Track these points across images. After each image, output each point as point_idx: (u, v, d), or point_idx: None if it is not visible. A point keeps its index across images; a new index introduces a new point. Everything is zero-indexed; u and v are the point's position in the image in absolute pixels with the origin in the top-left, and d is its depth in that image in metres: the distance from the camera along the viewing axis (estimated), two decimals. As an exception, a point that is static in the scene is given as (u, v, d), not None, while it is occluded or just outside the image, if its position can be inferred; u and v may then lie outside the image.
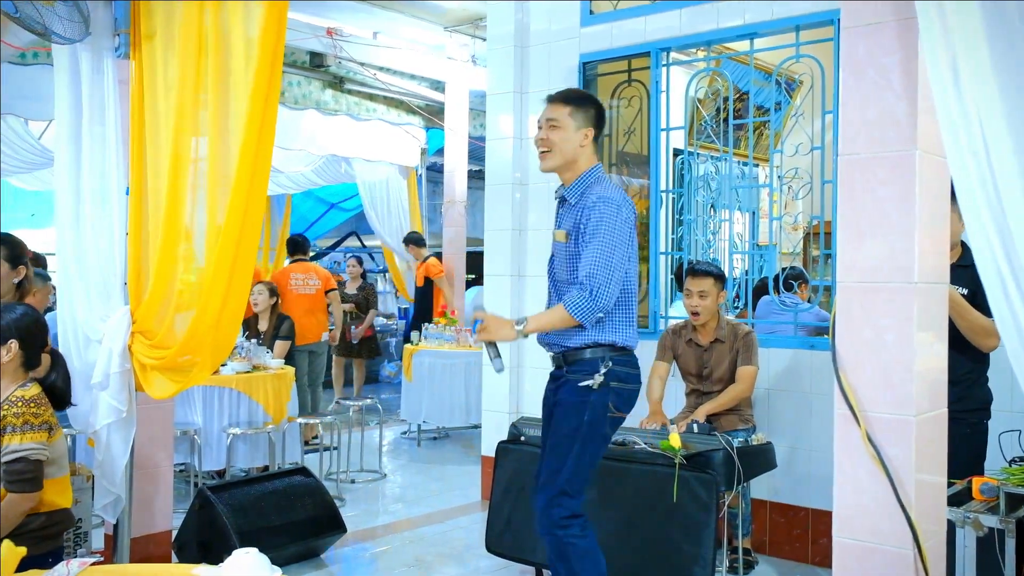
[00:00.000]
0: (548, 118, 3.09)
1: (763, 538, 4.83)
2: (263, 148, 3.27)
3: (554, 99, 3.14)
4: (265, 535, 4.31)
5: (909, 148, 2.17)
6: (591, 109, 3.14)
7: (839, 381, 2.26)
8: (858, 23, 2.25)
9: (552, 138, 3.07)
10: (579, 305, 2.93)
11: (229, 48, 3.29)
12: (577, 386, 3.04)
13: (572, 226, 3.06)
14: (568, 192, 3.14)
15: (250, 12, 3.19)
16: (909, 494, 2.17)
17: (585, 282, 2.92)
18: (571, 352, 3.08)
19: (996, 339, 3.38)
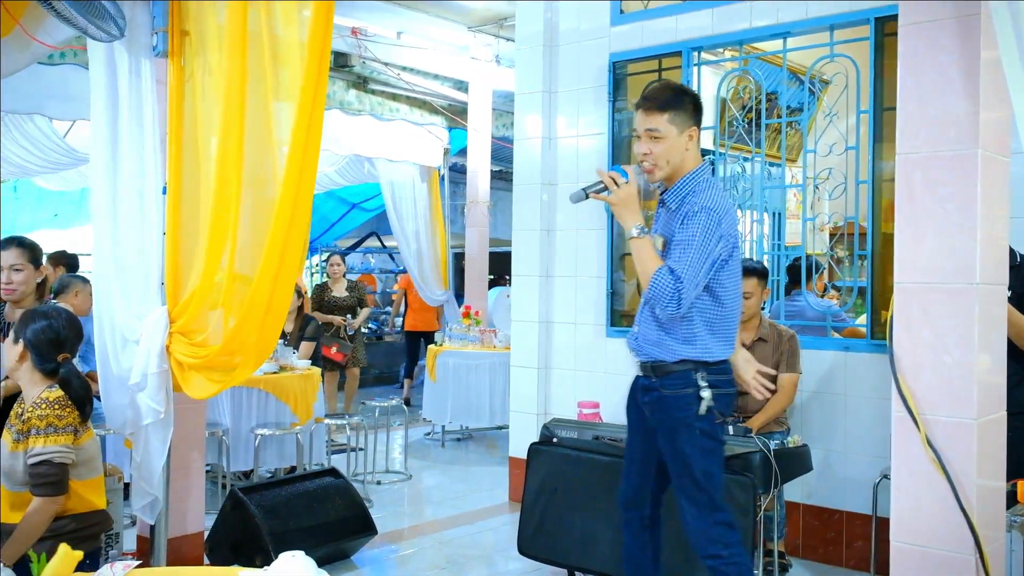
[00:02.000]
0: (647, 128, 2.88)
1: (797, 541, 4.79)
2: (310, 152, 3.23)
3: (648, 107, 2.90)
4: (296, 536, 4.30)
5: (971, 147, 2.13)
6: (689, 106, 2.94)
7: (897, 383, 2.22)
8: (917, 20, 2.21)
9: (655, 151, 2.88)
10: (660, 284, 2.76)
11: (275, 49, 3.27)
12: (677, 401, 2.90)
13: (671, 232, 2.89)
14: (669, 196, 2.96)
15: (297, 12, 3.17)
16: (970, 498, 2.12)
17: (675, 274, 2.76)
18: (664, 365, 2.93)
19: None
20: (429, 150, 8.94)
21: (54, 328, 3.05)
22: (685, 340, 2.92)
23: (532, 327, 5.81)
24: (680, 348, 2.91)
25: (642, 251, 2.83)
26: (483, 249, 9.07)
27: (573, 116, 5.75)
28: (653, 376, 2.97)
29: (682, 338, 2.92)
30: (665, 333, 2.93)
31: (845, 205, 4.82)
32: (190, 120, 3.44)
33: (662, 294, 2.76)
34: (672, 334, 2.93)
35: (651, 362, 2.98)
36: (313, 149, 3.24)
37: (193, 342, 3.46)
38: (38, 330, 3.04)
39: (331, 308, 8.11)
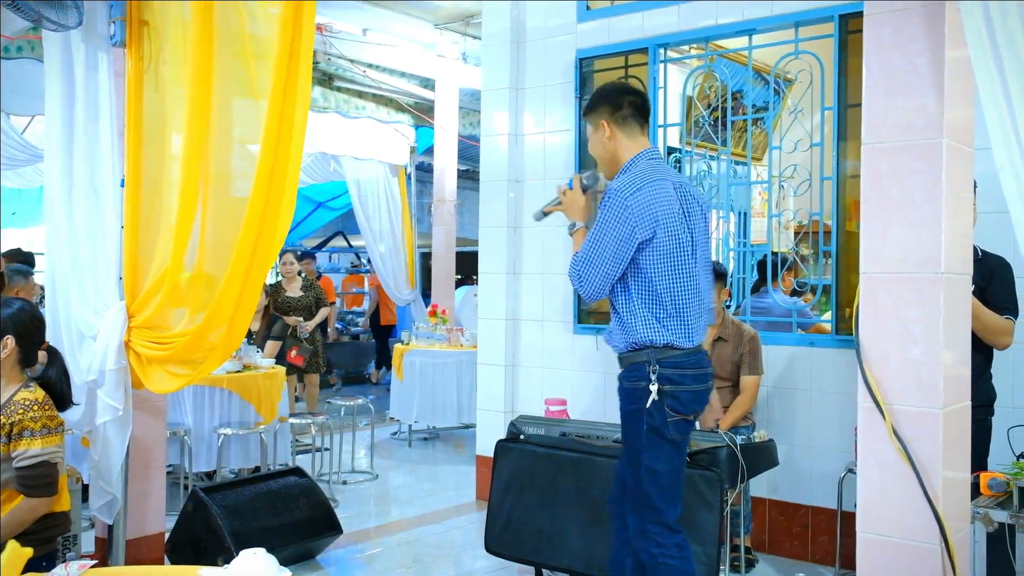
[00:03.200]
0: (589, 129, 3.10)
1: (763, 536, 4.80)
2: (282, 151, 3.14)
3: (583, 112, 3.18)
4: (260, 537, 4.22)
5: (936, 136, 2.13)
6: (599, 100, 3.06)
7: (863, 374, 2.22)
8: (883, 10, 2.21)
9: (592, 153, 3.10)
10: (571, 270, 2.92)
11: (244, 44, 3.19)
12: (631, 393, 2.93)
13: None
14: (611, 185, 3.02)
15: (263, 8, 3.10)
16: (936, 488, 2.13)
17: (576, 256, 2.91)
18: (622, 357, 2.97)
19: (1010, 337, 3.36)
20: (396, 148, 8.87)
21: (29, 309, 2.94)
22: (630, 326, 2.93)
23: (499, 325, 5.79)
24: (626, 335, 2.93)
25: (574, 245, 2.98)
26: (450, 248, 9.03)
27: (540, 113, 5.73)
28: (620, 367, 3.02)
29: (629, 324, 2.93)
30: (617, 322, 2.98)
31: (810, 202, 4.84)
32: (150, 112, 3.36)
33: (571, 276, 2.91)
34: (620, 322, 2.97)
35: (617, 353, 3.02)
36: (285, 148, 3.15)
37: (159, 336, 3.38)
38: (17, 314, 2.88)
39: (285, 310, 7.65)
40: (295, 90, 3.13)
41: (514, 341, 5.78)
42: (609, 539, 3.20)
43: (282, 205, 3.17)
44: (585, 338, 5.44)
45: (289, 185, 3.19)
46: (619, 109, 3.01)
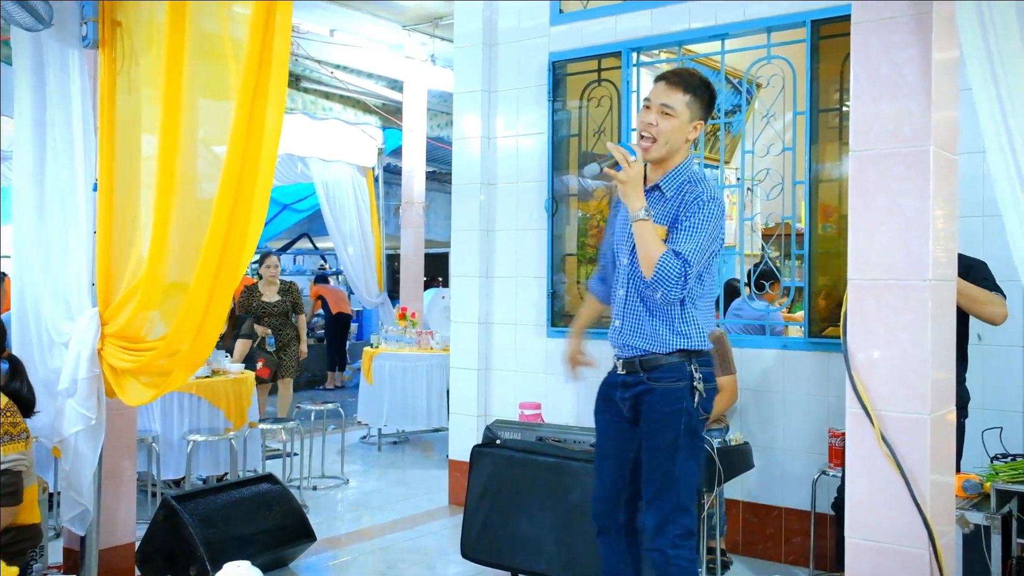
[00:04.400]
0: (663, 103, 2.83)
1: (737, 538, 4.83)
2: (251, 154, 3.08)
3: (672, 81, 2.86)
4: (233, 545, 4.15)
5: (924, 143, 2.15)
6: (707, 100, 2.91)
7: (851, 379, 2.23)
8: (871, 18, 2.22)
9: (662, 126, 2.83)
10: (668, 268, 2.71)
11: (215, 46, 3.14)
12: (669, 394, 2.86)
13: (671, 220, 2.83)
14: (665, 183, 2.90)
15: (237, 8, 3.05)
16: (924, 493, 2.14)
17: (682, 256, 2.73)
18: (655, 357, 2.89)
19: (999, 307, 3.33)
20: (363, 150, 8.81)
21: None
22: (681, 330, 2.88)
23: (472, 328, 5.76)
24: (675, 339, 2.88)
25: (648, 234, 2.76)
26: (418, 250, 8.99)
27: (512, 116, 5.71)
28: (640, 370, 2.91)
29: (678, 328, 2.88)
30: (661, 323, 2.88)
31: (782, 205, 4.88)
32: (123, 114, 3.29)
33: (668, 276, 2.72)
34: (668, 324, 2.88)
35: (638, 356, 2.92)
36: (255, 151, 3.09)
37: (130, 346, 3.31)
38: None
39: (261, 314, 7.40)
40: (266, 92, 3.08)
41: (487, 345, 5.76)
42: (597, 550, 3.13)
43: (252, 210, 3.10)
44: (558, 341, 5.43)
45: (260, 189, 3.13)
46: (707, 119, 2.97)
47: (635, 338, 2.93)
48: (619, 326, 2.97)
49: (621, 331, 2.95)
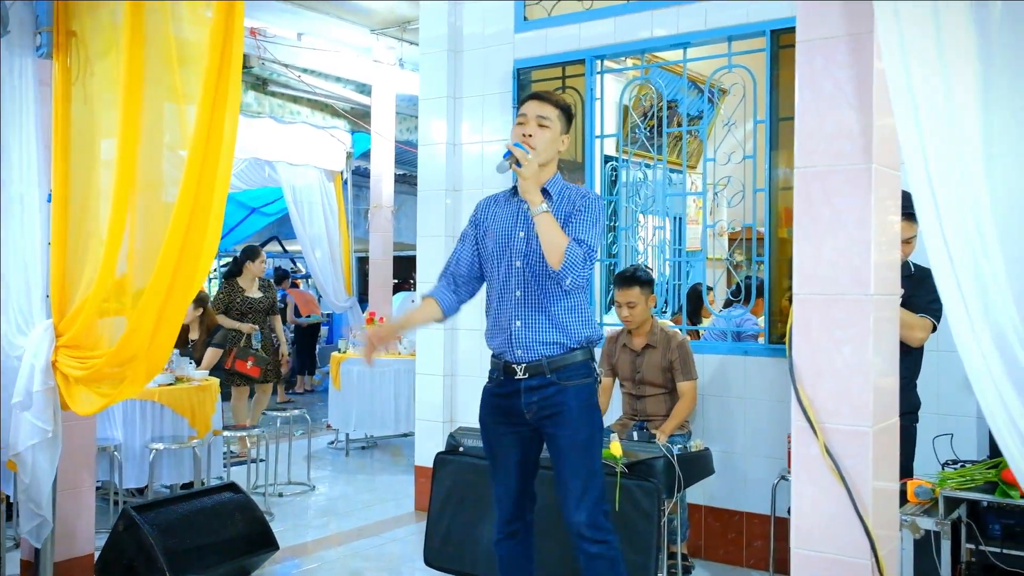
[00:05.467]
0: (539, 115, 3.05)
1: (699, 542, 4.87)
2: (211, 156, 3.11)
3: (546, 99, 3.10)
4: (194, 555, 4.14)
5: (866, 161, 2.19)
6: (569, 118, 3.17)
7: (797, 393, 2.26)
8: (814, 37, 2.26)
9: (540, 136, 3.03)
10: (576, 255, 2.89)
11: (177, 50, 3.14)
12: (581, 391, 3.04)
13: (563, 219, 3.01)
14: (550, 186, 3.09)
15: (200, 12, 3.05)
16: (866, 504, 2.18)
17: (584, 243, 2.92)
18: (562, 357, 3.04)
19: (921, 332, 3.58)
20: (331, 154, 8.79)
21: None
22: (578, 324, 3.08)
23: (437, 334, 5.76)
24: (582, 328, 3.08)
25: (552, 225, 2.91)
26: (387, 254, 8.97)
27: (478, 122, 5.73)
28: (548, 372, 3.03)
29: (576, 322, 3.07)
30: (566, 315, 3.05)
31: (743, 212, 4.93)
32: (78, 125, 3.26)
33: (576, 261, 2.89)
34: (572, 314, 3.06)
35: (545, 358, 3.03)
36: (214, 154, 3.11)
37: (82, 355, 3.28)
38: None
39: (244, 311, 7.32)
40: (225, 94, 3.09)
41: (452, 351, 5.77)
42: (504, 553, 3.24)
43: (211, 214, 3.11)
44: (524, 347, 5.45)
45: (218, 192, 3.15)
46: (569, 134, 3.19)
47: (544, 334, 3.04)
48: (521, 326, 3.05)
49: (526, 329, 3.04)
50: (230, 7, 2.94)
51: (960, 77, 1.97)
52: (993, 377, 1.93)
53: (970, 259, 1.95)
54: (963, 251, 1.95)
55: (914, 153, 1.97)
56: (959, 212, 1.95)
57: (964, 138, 1.97)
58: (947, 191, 1.96)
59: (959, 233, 1.95)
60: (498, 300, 3.14)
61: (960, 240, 1.95)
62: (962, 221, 1.95)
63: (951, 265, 1.95)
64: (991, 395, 1.93)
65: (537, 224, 2.93)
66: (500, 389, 3.13)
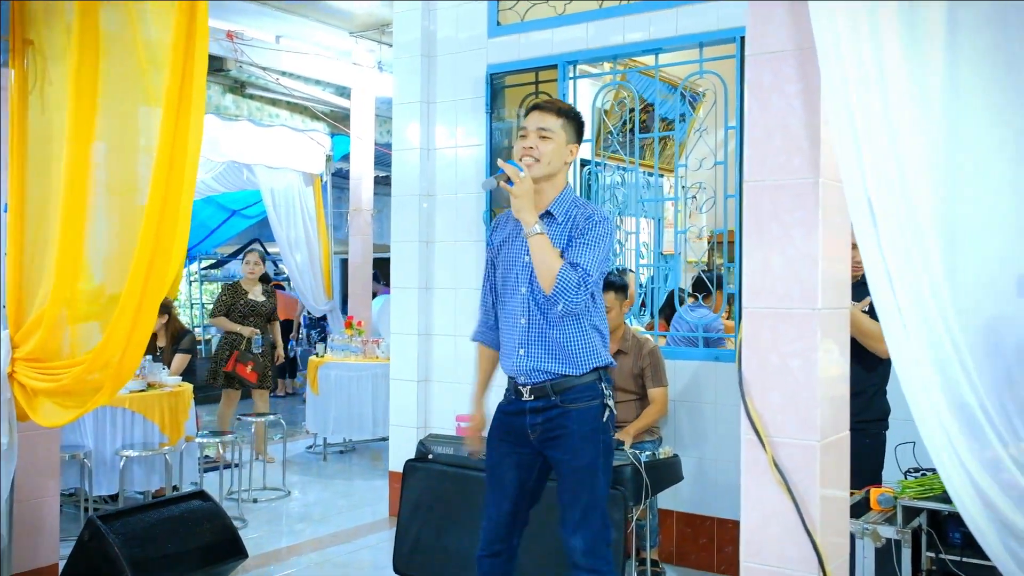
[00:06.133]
0: (540, 127, 2.94)
1: (670, 548, 4.88)
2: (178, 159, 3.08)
3: (546, 108, 2.99)
4: (160, 565, 4.12)
5: (813, 175, 2.19)
6: (579, 125, 3.04)
7: (746, 407, 2.26)
8: (763, 51, 2.26)
9: (542, 148, 2.92)
10: (568, 279, 2.78)
11: (142, 51, 3.12)
12: (585, 414, 2.92)
13: (566, 242, 2.92)
14: (554, 207, 2.97)
15: (163, 13, 3.03)
16: (814, 518, 2.18)
17: (580, 267, 2.82)
18: (567, 379, 2.93)
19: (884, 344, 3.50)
20: (311, 156, 8.76)
21: None
22: (592, 346, 2.96)
23: (412, 339, 5.76)
24: (589, 358, 2.95)
25: (545, 248, 2.82)
26: (367, 257, 8.95)
27: (451, 127, 5.72)
28: (552, 394, 2.94)
29: (589, 344, 2.95)
30: (573, 343, 2.94)
31: (715, 218, 4.94)
32: (35, 134, 3.24)
33: (568, 286, 2.79)
34: (580, 343, 2.94)
35: (549, 380, 2.95)
36: (181, 156, 3.08)
37: (44, 367, 3.26)
38: None
39: (246, 314, 7.19)
40: (190, 96, 3.07)
41: (426, 356, 5.76)
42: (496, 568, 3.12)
43: (179, 216, 3.10)
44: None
45: (185, 195, 3.13)
46: (579, 143, 3.07)
47: (547, 363, 2.95)
48: (524, 355, 2.97)
49: (528, 359, 2.96)
50: (192, 7, 2.91)
51: (899, 88, 1.97)
52: (929, 393, 1.94)
53: (910, 274, 1.95)
54: (903, 266, 1.96)
55: (852, 166, 1.98)
56: (897, 226, 1.95)
57: (902, 151, 1.97)
58: (885, 204, 1.96)
59: (897, 248, 1.95)
60: (506, 325, 3.06)
61: (899, 255, 1.95)
62: (901, 235, 1.95)
63: (888, 280, 1.95)
64: (925, 405, 1.94)
65: (530, 247, 2.84)
66: (509, 407, 3.06)
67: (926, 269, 1.95)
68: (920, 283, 1.95)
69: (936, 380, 1.94)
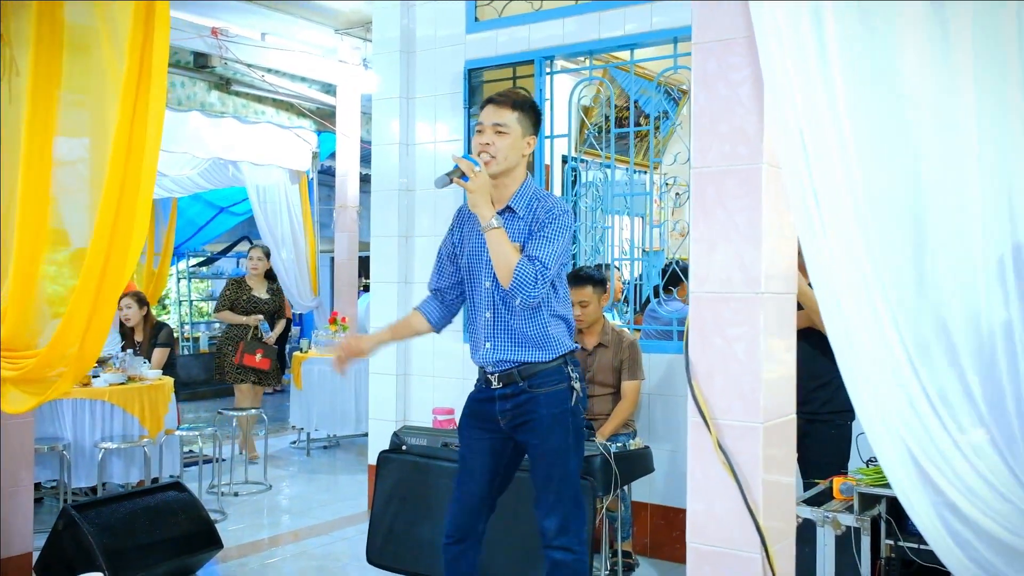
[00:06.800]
0: (495, 122, 2.95)
1: (645, 540, 4.91)
2: (135, 152, 3.12)
3: (500, 102, 2.99)
4: (135, 554, 4.16)
5: (757, 162, 2.22)
6: (533, 116, 3.04)
7: (692, 390, 2.30)
8: (708, 39, 2.30)
9: (498, 144, 2.94)
10: (526, 273, 2.80)
11: (96, 45, 3.16)
12: (552, 398, 2.97)
13: (525, 236, 2.95)
14: (515, 202, 3.00)
15: (113, 8, 3.06)
16: (757, 499, 2.22)
17: (538, 260, 2.84)
18: (533, 364, 2.98)
19: None
20: (297, 154, 8.79)
21: None
22: (555, 336, 3.00)
23: (391, 333, 5.78)
24: (554, 347, 2.99)
25: (502, 242, 2.84)
26: (352, 254, 8.98)
27: (430, 122, 5.75)
28: (520, 379, 2.99)
29: (552, 335, 3.00)
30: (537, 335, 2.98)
31: (688, 212, 4.96)
32: (6, 124, 3.27)
33: (526, 280, 2.81)
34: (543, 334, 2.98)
35: (515, 367, 2.99)
36: (138, 149, 3.12)
37: (14, 355, 3.30)
38: None
39: (249, 310, 7.17)
40: (147, 89, 3.09)
41: (405, 350, 5.79)
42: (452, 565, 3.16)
43: (136, 209, 3.13)
44: (475, 347, 5.48)
45: (144, 188, 3.16)
46: (537, 134, 3.10)
47: (513, 352, 3.00)
48: (491, 347, 3.02)
49: (495, 350, 3.01)
50: (148, 6, 2.95)
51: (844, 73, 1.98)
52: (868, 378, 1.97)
53: (849, 262, 1.97)
54: (843, 256, 1.98)
55: (794, 153, 2.01)
56: (838, 212, 1.98)
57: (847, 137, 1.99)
58: (827, 190, 1.98)
59: (838, 234, 1.98)
60: (472, 318, 3.11)
61: (841, 245, 1.97)
62: (842, 222, 1.98)
63: (828, 268, 1.98)
64: (864, 391, 1.97)
65: (487, 241, 2.86)
66: (480, 395, 3.11)
67: (868, 255, 1.97)
68: (862, 270, 1.97)
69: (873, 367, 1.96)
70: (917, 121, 1.99)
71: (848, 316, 1.97)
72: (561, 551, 2.98)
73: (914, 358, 1.93)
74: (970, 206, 1.91)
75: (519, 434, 3.04)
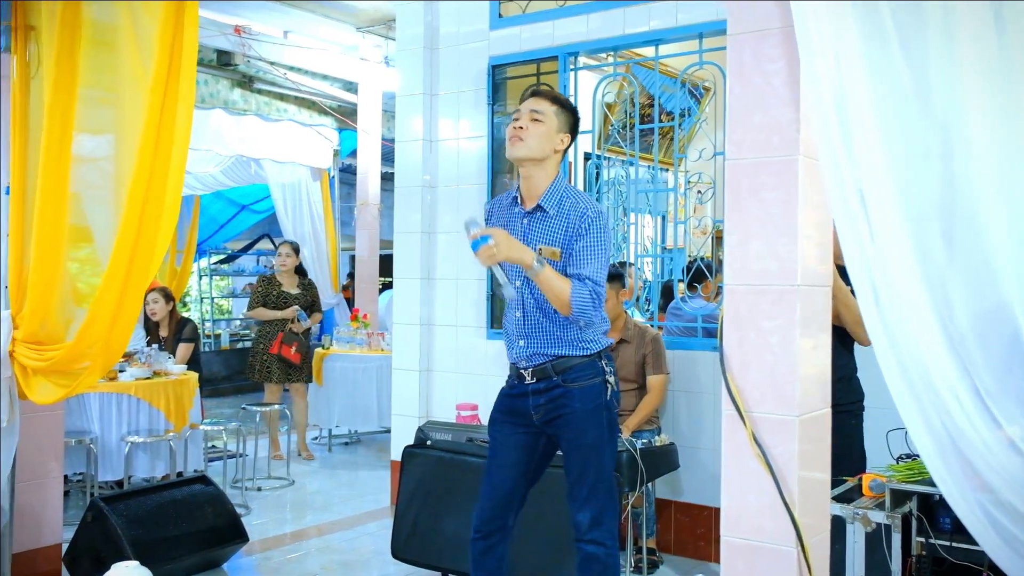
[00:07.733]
0: (532, 109, 2.97)
1: (668, 537, 4.90)
2: (162, 148, 3.14)
3: (541, 94, 3.01)
4: (162, 546, 4.19)
5: (793, 153, 2.21)
6: (573, 118, 3.05)
7: (726, 382, 2.29)
8: (744, 30, 2.29)
9: (532, 129, 2.94)
10: (583, 298, 2.83)
11: (121, 43, 3.18)
12: (587, 392, 2.96)
13: (563, 240, 2.93)
14: (545, 201, 2.98)
15: (138, 7, 3.08)
16: (793, 492, 2.21)
17: (589, 280, 2.85)
18: (568, 359, 2.97)
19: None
20: (318, 151, 8.83)
21: None
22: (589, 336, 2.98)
23: (414, 330, 5.80)
24: (588, 345, 2.98)
25: (551, 279, 2.84)
26: (373, 251, 9.01)
27: (454, 119, 5.76)
28: (554, 374, 2.97)
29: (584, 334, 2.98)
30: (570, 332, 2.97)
31: (715, 208, 4.96)
32: (37, 118, 3.30)
33: (585, 304, 2.84)
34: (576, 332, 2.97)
35: (550, 361, 2.98)
36: (166, 146, 3.14)
37: (40, 345, 3.33)
38: None
39: (280, 306, 7.09)
40: (176, 87, 3.11)
41: (428, 346, 5.80)
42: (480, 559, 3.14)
43: (164, 205, 3.15)
44: (498, 343, 5.48)
45: (172, 183, 3.18)
46: (574, 138, 3.09)
47: (547, 347, 2.99)
48: (524, 345, 3.01)
49: (528, 347, 3.00)
50: (179, 5, 2.97)
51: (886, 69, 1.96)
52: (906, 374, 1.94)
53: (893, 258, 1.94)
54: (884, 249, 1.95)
55: (834, 146, 1.99)
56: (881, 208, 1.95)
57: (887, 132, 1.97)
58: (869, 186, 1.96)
59: (881, 230, 1.95)
60: (505, 316, 3.11)
61: (882, 238, 1.94)
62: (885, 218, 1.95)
63: (865, 261, 1.96)
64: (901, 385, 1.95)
65: (538, 285, 2.87)
66: (512, 391, 3.10)
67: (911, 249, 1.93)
68: (904, 263, 1.94)
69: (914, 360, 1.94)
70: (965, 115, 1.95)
71: (887, 309, 1.95)
72: (594, 544, 2.98)
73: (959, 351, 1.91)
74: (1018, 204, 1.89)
75: (553, 428, 3.03)
